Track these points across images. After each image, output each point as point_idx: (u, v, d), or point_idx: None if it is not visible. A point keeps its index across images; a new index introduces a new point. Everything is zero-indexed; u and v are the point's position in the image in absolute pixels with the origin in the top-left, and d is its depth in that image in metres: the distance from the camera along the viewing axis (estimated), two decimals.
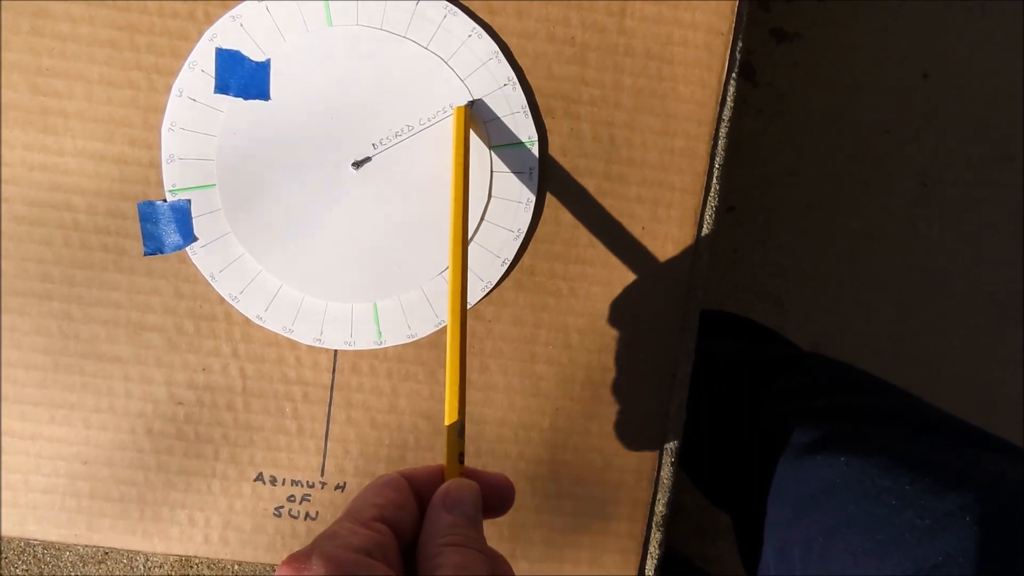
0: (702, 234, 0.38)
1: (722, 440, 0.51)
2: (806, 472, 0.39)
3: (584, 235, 0.37)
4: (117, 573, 0.37)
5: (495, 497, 0.28)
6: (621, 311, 0.37)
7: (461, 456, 0.28)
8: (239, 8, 0.34)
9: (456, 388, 0.29)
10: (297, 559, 0.22)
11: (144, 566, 0.37)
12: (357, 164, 0.35)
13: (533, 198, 0.36)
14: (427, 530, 0.25)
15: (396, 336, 0.37)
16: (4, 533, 0.37)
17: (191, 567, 0.37)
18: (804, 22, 0.86)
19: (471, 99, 0.35)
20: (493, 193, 0.36)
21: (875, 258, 0.86)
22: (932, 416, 0.42)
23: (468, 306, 0.37)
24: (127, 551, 0.37)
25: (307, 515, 0.37)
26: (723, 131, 0.37)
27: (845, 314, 0.87)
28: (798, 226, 0.86)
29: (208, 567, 0.38)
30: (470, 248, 0.36)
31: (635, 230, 0.37)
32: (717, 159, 0.37)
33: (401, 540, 0.25)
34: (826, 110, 0.85)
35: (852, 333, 0.87)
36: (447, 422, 0.29)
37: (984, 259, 0.87)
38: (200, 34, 0.34)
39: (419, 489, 0.27)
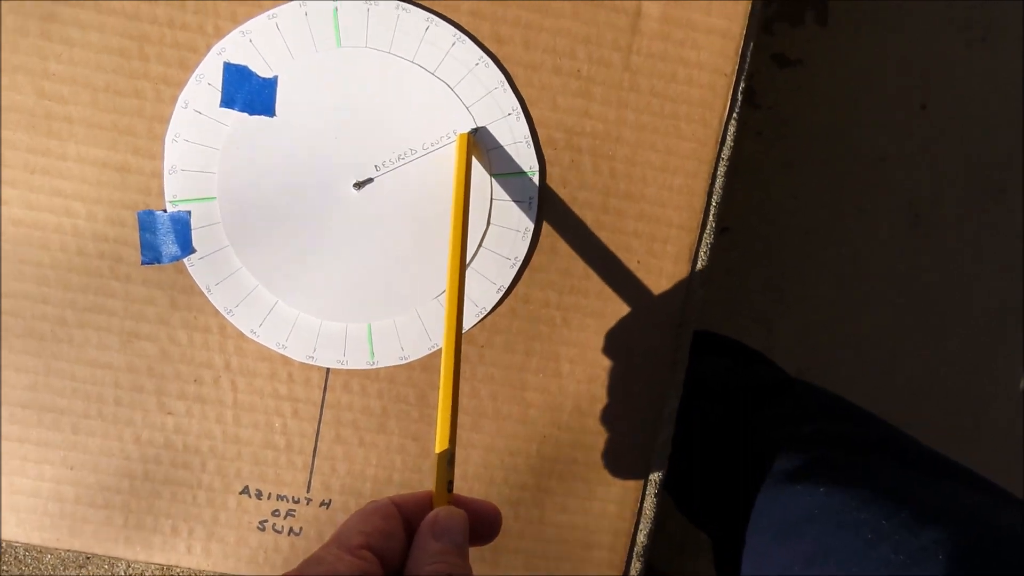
0: (696, 270, 0.38)
1: (710, 462, 0.51)
2: (787, 500, 0.40)
3: (580, 266, 0.37)
4: None
5: (482, 525, 0.28)
6: (613, 343, 0.38)
7: (450, 484, 0.28)
8: (249, 24, 0.34)
9: (448, 417, 0.29)
10: None
11: (125, 572, 0.37)
12: (359, 185, 0.36)
13: (531, 227, 0.37)
14: (414, 557, 0.25)
15: (389, 357, 0.37)
16: None
17: None
18: (807, 48, 0.86)
19: (475, 127, 0.36)
20: (492, 220, 0.36)
21: (866, 284, 0.87)
22: (913, 449, 0.42)
23: (463, 332, 0.37)
24: (108, 557, 0.37)
25: (291, 530, 0.37)
26: (721, 170, 0.38)
27: (834, 340, 0.87)
28: (790, 249, 0.86)
29: None
30: (467, 274, 0.37)
31: (631, 263, 0.37)
32: (715, 197, 0.38)
33: (387, 568, 0.25)
34: (826, 135, 0.86)
35: (840, 359, 0.87)
36: (438, 450, 0.29)
37: (975, 291, 0.88)
38: (209, 48, 0.34)
39: (407, 516, 0.27)
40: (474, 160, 0.36)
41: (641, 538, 0.39)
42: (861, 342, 0.87)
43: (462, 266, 0.32)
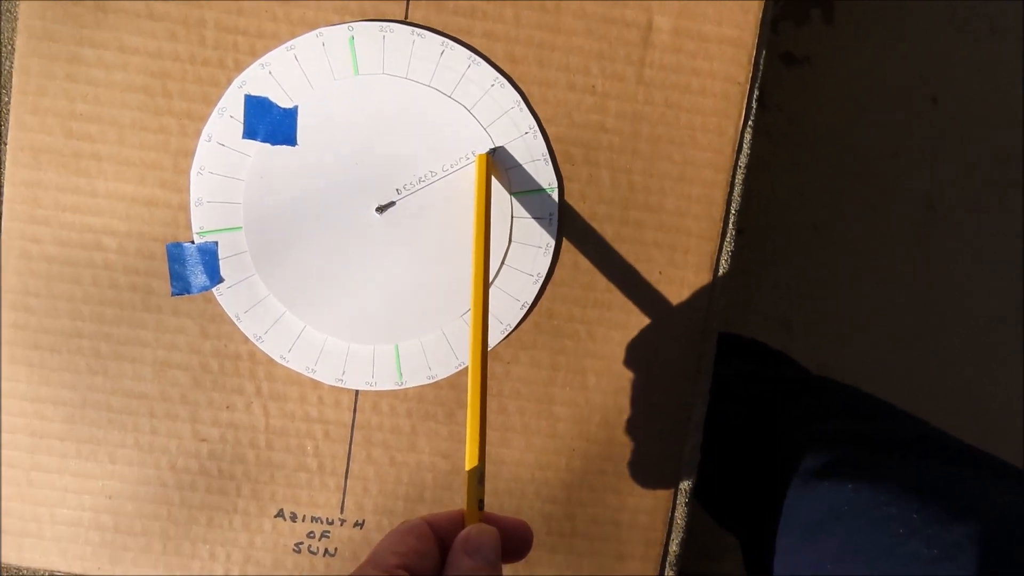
0: (717, 279, 0.38)
1: (735, 464, 0.51)
2: (814, 497, 0.40)
3: (602, 280, 0.38)
4: None
5: (514, 542, 0.29)
6: (637, 354, 0.38)
7: (481, 503, 0.29)
8: (268, 56, 0.35)
9: (476, 435, 0.30)
10: None
11: None
12: (381, 209, 0.36)
13: (552, 243, 0.37)
14: (448, 574, 0.26)
15: (417, 377, 0.37)
16: (27, 564, 0.37)
17: None
18: (813, 46, 0.87)
19: (493, 147, 0.36)
20: (513, 238, 0.37)
21: (881, 281, 0.87)
22: (941, 442, 0.42)
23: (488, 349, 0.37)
24: None
25: (326, 551, 0.38)
26: (739, 178, 0.38)
27: (852, 336, 0.87)
28: (806, 248, 0.86)
29: None
30: (491, 292, 0.37)
31: (652, 275, 0.38)
32: (733, 205, 0.38)
33: None
34: (834, 133, 0.86)
35: (859, 355, 0.87)
36: (467, 468, 0.29)
37: (992, 283, 0.87)
38: (230, 81, 0.35)
39: (441, 534, 0.28)
40: (494, 179, 0.36)
41: (673, 547, 0.39)
42: (877, 339, 0.87)
43: (486, 285, 0.32)
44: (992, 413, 0.88)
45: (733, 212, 0.38)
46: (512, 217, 0.37)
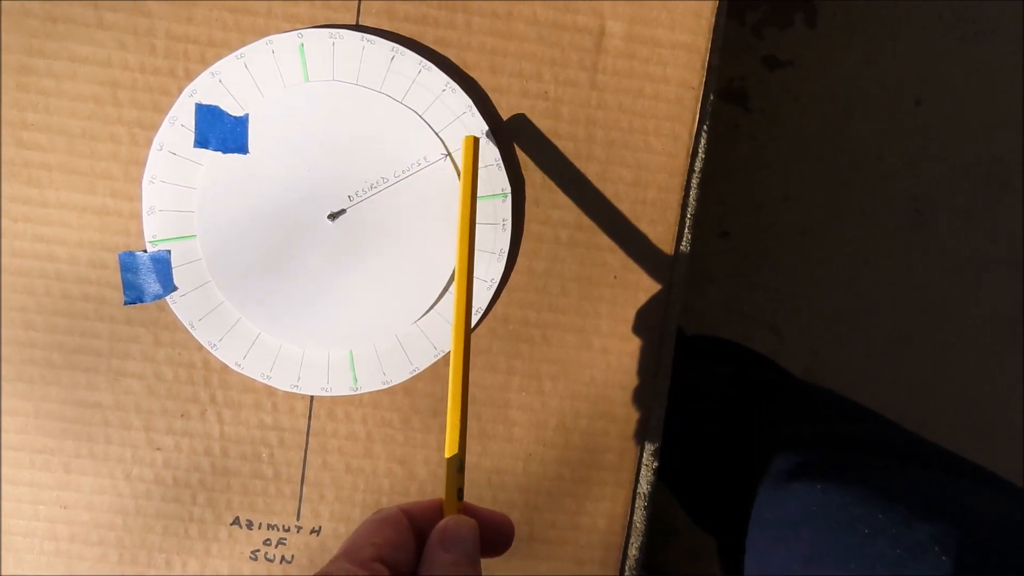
0: (674, 283, 0.38)
1: (708, 465, 0.51)
2: (784, 499, 0.40)
3: (557, 284, 0.38)
4: None
5: (494, 535, 0.28)
6: (594, 358, 0.38)
7: (460, 492, 0.28)
8: (218, 65, 0.35)
9: (457, 421, 0.29)
10: None
11: None
12: (333, 216, 0.36)
13: (506, 248, 0.37)
14: (425, 569, 0.25)
15: (372, 382, 0.37)
16: None
17: None
18: (797, 49, 0.87)
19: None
20: None
21: (870, 284, 0.87)
22: (914, 446, 0.42)
23: (442, 354, 0.37)
24: None
25: (283, 559, 0.38)
26: (694, 182, 0.38)
27: (840, 340, 0.87)
28: (793, 252, 0.86)
29: None
30: (445, 298, 0.37)
31: (607, 279, 0.38)
32: (689, 209, 0.38)
33: None
34: (819, 136, 0.86)
35: (847, 359, 0.87)
36: (447, 455, 0.28)
37: (980, 286, 0.87)
38: (180, 90, 0.35)
39: (418, 524, 0.27)
40: (450, 184, 0.36)
41: (633, 551, 0.39)
42: (867, 342, 0.87)
43: (470, 271, 0.32)
44: (983, 416, 0.88)
45: (689, 216, 0.38)
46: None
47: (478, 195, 0.37)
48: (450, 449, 0.28)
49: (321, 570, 0.24)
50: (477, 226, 0.37)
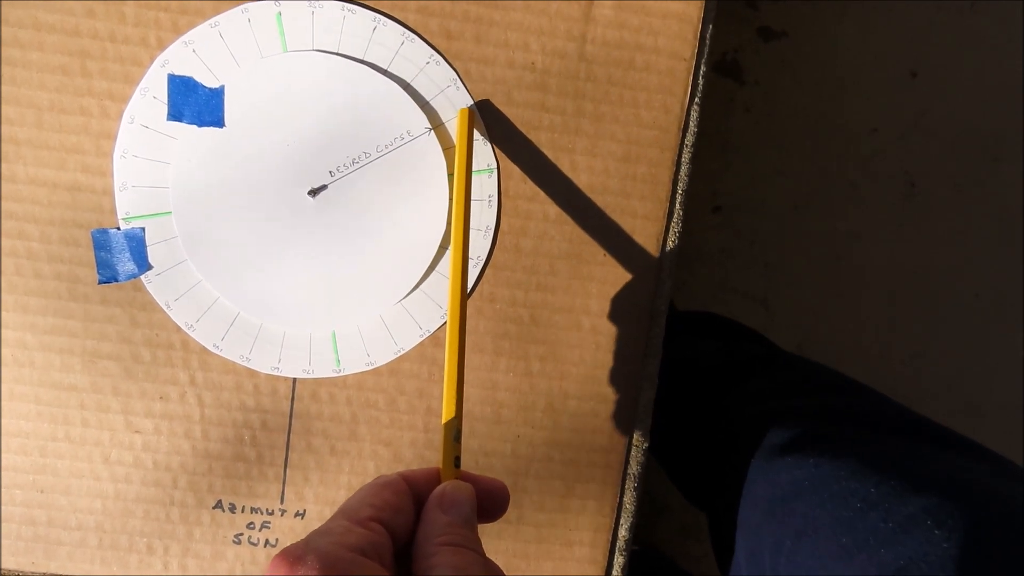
0: (664, 260, 0.37)
1: (698, 440, 0.51)
2: (776, 473, 0.39)
3: (545, 263, 0.37)
4: None
5: (490, 501, 0.28)
6: (583, 338, 0.37)
7: (457, 460, 0.28)
8: (191, 34, 0.34)
9: (454, 387, 0.29)
10: (290, 555, 0.22)
11: None
12: (313, 192, 0.35)
13: (493, 225, 0.36)
14: (423, 530, 0.25)
15: (355, 364, 0.36)
16: None
17: None
18: (791, 21, 0.85)
19: (429, 126, 0.35)
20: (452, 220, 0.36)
21: (862, 258, 0.86)
22: (905, 418, 0.42)
23: (428, 333, 0.37)
24: None
25: (267, 542, 0.37)
26: (686, 157, 0.37)
27: (832, 315, 0.86)
28: (785, 226, 0.85)
29: None
30: (430, 277, 0.36)
31: (596, 257, 0.37)
32: (680, 185, 0.37)
33: (396, 542, 0.25)
34: (813, 109, 0.85)
35: (839, 334, 0.87)
36: (443, 420, 0.29)
37: (973, 260, 0.86)
38: (152, 60, 0.34)
39: (417, 490, 0.27)
40: (434, 160, 0.35)
41: (622, 532, 0.39)
42: (859, 316, 0.86)
43: (466, 240, 0.32)
44: (975, 391, 0.88)
45: (680, 192, 0.37)
46: (451, 199, 0.36)
47: None
48: (447, 414, 0.29)
49: (320, 528, 0.24)
50: None
